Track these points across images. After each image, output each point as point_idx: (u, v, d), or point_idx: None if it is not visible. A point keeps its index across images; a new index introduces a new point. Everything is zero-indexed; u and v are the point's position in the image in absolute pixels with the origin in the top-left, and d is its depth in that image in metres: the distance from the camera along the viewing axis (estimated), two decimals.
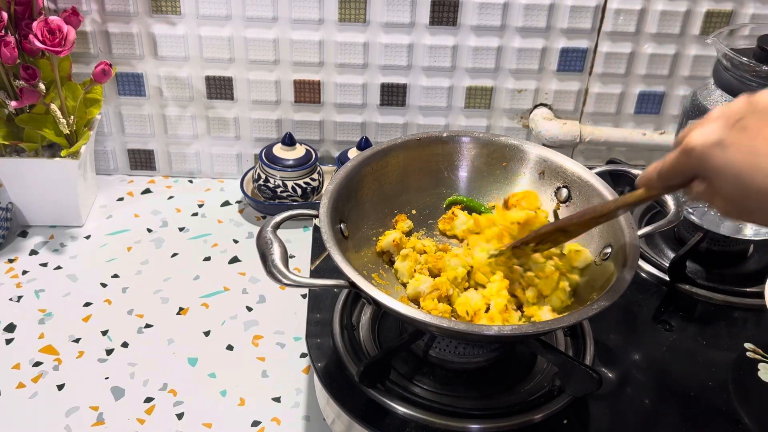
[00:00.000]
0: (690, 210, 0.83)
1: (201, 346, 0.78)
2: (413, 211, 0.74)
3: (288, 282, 0.59)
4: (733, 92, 0.75)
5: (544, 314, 0.64)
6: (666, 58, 0.96)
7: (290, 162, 0.94)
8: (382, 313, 0.72)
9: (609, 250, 0.66)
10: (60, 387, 0.73)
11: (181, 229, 0.94)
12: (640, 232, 0.66)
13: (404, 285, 0.68)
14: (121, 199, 0.99)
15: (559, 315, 0.63)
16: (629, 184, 0.90)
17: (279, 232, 0.63)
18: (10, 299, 0.83)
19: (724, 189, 0.48)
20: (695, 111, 0.79)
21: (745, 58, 0.72)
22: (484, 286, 0.67)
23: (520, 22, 0.93)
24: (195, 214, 0.97)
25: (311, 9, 0.91)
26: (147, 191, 1.01)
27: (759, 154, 0.45)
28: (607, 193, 0.68)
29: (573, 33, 0.94)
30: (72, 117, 0.87)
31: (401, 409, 0.62)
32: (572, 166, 0.72)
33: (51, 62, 0.84)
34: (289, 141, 0.95)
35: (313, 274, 0.77)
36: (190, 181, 1.04)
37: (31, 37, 0.80)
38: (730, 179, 0.47)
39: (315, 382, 0.69)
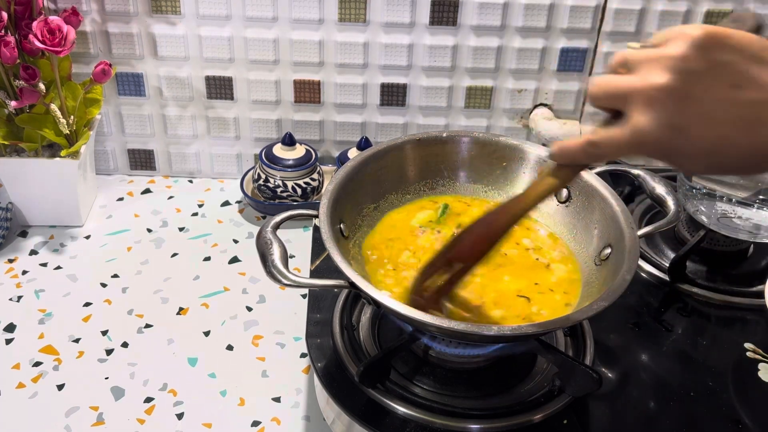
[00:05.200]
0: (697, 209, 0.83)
1: (201, 346, 0.78)
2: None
3: (288, 282, 0.59)
4: None
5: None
6: None
7: (290, 162, 0.94)
8: (382, 313, 0.71)
9: (609, 250, 0.66)
10: (60, 387, 0.73)
11: (181, 229, 0.94)
12: (640, 232, 0.66)
13: None
14: (121, 199, 0.99)
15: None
16: (629, 183, 0.90)
17: (279, 232, 0.63)
18: (10, 299, 0.83)
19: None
20: None
21: None
22: None
23: (520, 22, 0.93)
24: (195, 214, 0.97)
25: (311, 9, 0.91)
26: (147, 191, 1.01)
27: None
28: (607, 193, 0.68)
29: (573, 33, 0.94)
30: (72, 117, 0.87)
31: (401, 409, 0.62)
32: None
33: (51, 62, 0.84)
34: (289, 141, 0.95)
35: (313, 274, 0.77)
36: (190, 181, 1.04)
37: (31, 37, 0.80)
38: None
39: (315, 382, 0.69)
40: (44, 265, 0.88)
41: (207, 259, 0.90)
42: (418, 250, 0.69)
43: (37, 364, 0.75)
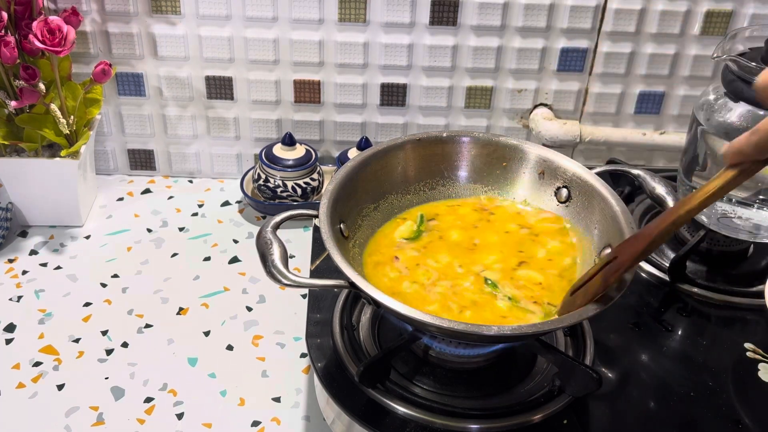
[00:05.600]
0: None
1: (201, 346, 0.78)
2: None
3: (288, 282, 0.59)
4: (748, 99, 0.74)
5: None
6: (666, 58, 0.96)
7: (290, 162, 0.94)
8: (382, 313, 0.71)
9: (609, 250, 0.66)
10: (60, 387, 0.73)
11: (181, 229, 0.94)
12: None
13: None
14: (121, 199, 0.99)
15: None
16: (629, 183, 0.90)
17: (279, 232, 0.63)
18: (10, 299, 0.83)
19: None
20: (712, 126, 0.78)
21: (754, 63, 0.72)
22: None
23: (520, 22, 0.93)
24: (195, 214, 0.97)
25: (311, 9, 0.91)
26: (147, 191, 1.01)
27: None
28: (607, 193, 0.68)
29: (573, 33, 0.94)
30: (72, 117, 0.87)
31: (401, 409, 0.62)
32: (572, 166, 0.72)
33: (51, 62, 0.84)
34: (289, 141, 0.95)
35: (313, 274, 0.77)
36: (190, 181, 1.04)
37: (31, 37, 0.80)
38: None
39: (315, 382, 0.69)
40: (44, 265, 0.88)
41: (207, 259, 0.90)
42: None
43: (37, 364, 0.75)
